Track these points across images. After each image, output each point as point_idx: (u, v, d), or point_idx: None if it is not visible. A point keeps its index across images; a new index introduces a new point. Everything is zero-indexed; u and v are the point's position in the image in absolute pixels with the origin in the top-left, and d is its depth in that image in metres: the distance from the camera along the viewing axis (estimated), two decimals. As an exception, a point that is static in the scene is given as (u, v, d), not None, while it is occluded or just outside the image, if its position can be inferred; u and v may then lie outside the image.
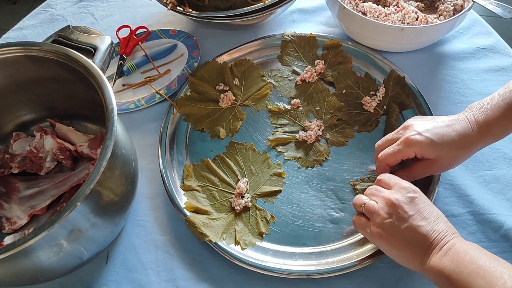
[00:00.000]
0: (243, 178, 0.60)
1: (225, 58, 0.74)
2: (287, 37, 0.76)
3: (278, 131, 0.66)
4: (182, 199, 0.59)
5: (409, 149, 0.52)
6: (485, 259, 0.41)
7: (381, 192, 0.49)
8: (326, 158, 0.62)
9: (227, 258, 0.54)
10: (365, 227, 0.50)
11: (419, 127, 0.53)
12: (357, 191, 0.58)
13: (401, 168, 0.56)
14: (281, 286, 0.53)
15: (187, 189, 0.60)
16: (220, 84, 0.71)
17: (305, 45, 0.75)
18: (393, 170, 0.56)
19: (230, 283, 0.54)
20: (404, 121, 0.64)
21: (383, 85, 0.68)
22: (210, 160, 0.62)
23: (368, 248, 0.54)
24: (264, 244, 0.56)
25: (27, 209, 0.59)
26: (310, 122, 0.66)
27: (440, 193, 0.58)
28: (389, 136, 0.56)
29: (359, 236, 0.55)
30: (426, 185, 0.57)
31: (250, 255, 0.54)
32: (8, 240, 0.55)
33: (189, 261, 0.56)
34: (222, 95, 0.69)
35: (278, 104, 0.69)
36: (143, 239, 0.58)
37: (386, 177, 0.52)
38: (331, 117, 0.66)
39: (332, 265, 0.52)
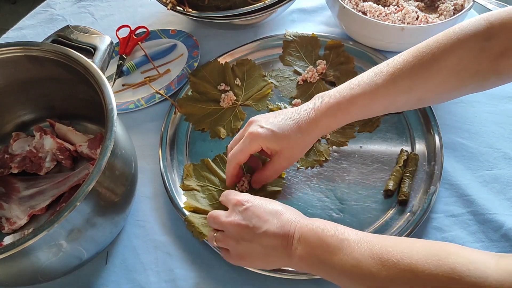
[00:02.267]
0: (247, 174, 0.60)
1: (226, 58, 0.74)
2: (289, 37, 0.75)
3: None
4: (182, 199, 0.59)
5: (254, 143, 0.53)
6: (330, 233, 0.43)
7: (219, 218, 0.49)
8: (326, 159, 0.62)
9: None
10: (229, 257, 0.50)
11: (261, 121, 0.54)
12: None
13: (254, 171, 0.58)
14: (281, 287, 0.53)
15: (186, 188, 0.60)
16: (221, 84, 0.71)
17: (307, 45, 0.75)
18: (250, 175, 0.58)
19: (230, 283, 0.54)
20: (407, 121, 0.65)
21: None
22: (210, 160, 0.62)
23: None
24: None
25: (26, 209, 0.59)
26: None
27: (440, 193, 0.58)
28: (237, 135, 0.57)
29: None
30: (427, 185, 0.57)
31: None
32: (7, 240, 0.55)
33: (189, 261, 0.56)
34: (223, 95, 0.69)
35: (279, 104, 0.69)
36: (142, 239, 0.58)
37: (223, 196, 0.52)
38: None
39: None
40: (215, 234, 0.50)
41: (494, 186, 0.59)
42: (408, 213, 0.56)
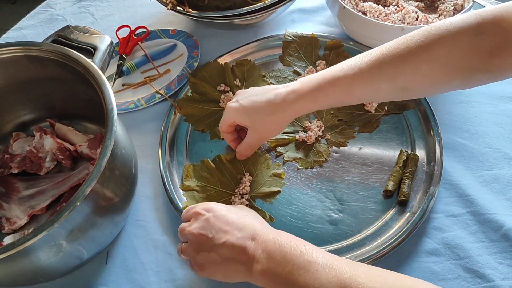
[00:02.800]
0: (247, 175, 0.60)
1: (226, 58, 0.74)
2: (289, 38, 0.75)
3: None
4: (182, 200, 0.59)
5: (229, 116, 0.55)
6: (296, 252, 0.41)
7: (183, 229, 0.49)
8: (326, 159, 0.62)
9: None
10: (192, 269, 0.49)
11: (241, 95, 0.55)
12: None
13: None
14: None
15: (186, 189, 0.60)
16: (221, 84, 0.71)
17: (306, 46, 0.75)
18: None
19: (230, 284, 0.54)
20: (406, 122, 0.65)
21: None
22: (209, 161, 0.62)
23: (367, 249, 0.53)
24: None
25: (26, 209, 0.59)
26: (311, 123, 0.65)
27: (440, 193, 0.58)
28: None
29: (357, 238, 0.55)
30: (427, 186, 0.57)
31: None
32: (8, 240, 0.55)
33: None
34: (223, 96, 0.69)
35: None
36: (142, 239, 0.58)
37: (184, 212, 0.51)
38: (331, 117, 0.66)
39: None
40: (181, 245, 0.49)
41: (494, 186, 0.59)
42: (408, 213, 0.56)
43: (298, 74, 0.72)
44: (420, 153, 0.61)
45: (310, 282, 0.39)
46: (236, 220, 0.46)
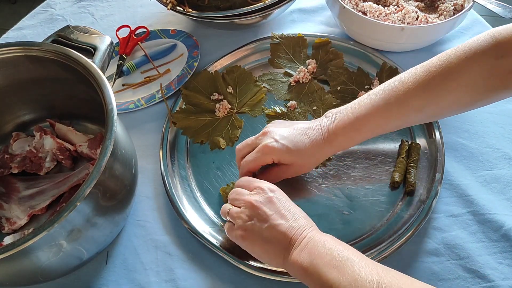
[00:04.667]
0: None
1: (216, 66, 0.73)
2: (276, 40, 0.75)
3: None
4: (182, 200, 0.59)
5: (267, 156, 0.54)
6: (338, 249, 0.43)
7: (242, 195, 0.50)
8: (329, 158, 0.62)
9: (227, 259, 0.54)
10: (232, 231, 0.50)
11: (276, 134, 0.55)
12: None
13: (260, 171, 0.57)
14: None
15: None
16: (214, 93, 0.70)
17: (294, 46, 0.74)
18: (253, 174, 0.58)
19: (230, 284, 0.54)
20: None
21: (377, 78, 0.69)
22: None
23: (371, 252, 0.53)
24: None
25: (26, 209, 0.59)
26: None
27: (440, 193, 0.58)
28: (248, 140, 0.58)
29: (370, 234, 0.55)
30: (429, 185, 0.57)
31: (251, 258, 0.54)
32: (8, 240, 0.55)
33: (189, 261, 0.56)
34: (217, 105, 0.68)
35: (275, 108, 0.68)
36: (143, 239, 0.58)
37: (245, 180, 0.53)
38: None
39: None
40: (230, 208, 0.51)
41: (494, 186, 0.59)
42: (417, 202, 0.56)
43: (290, 75, 0.72)
44: (421, 141, 0.62)
45: (344, 275, 0.40)
46: (293, 211, 0.48)
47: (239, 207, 0.50)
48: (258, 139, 0.56)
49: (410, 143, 0.61)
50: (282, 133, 0.55)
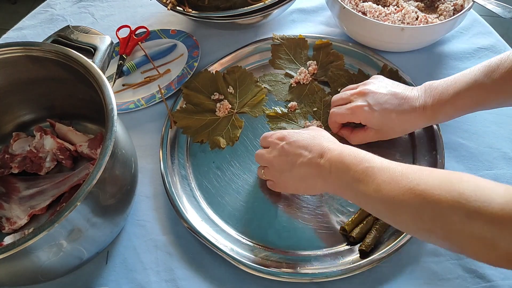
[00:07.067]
0: None
1: (217, 67, 0.73)
2: (277, 41, 0.75)
3: None
4: (182, 199, 0.59)
5: (355, 116, 0.58)
6: (353, 160, 0.47)
7: (262, 155, 0.56)
8: None
9: (227, 259, 0.54)
10: (275, 186, 0.56)
11: (372, 98, 0.57)
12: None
13: (348, 126, 0.62)
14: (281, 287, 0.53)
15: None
16: (214, 93, 0.70)
17: (295, 47, 0.74)
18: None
19: (230, 284, 0.54)
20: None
21: None
22: None
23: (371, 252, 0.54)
24: (266, 247, 0.56)
25: (27, 209, 0.59)
26: (310, 122, 0.65)
27: (440, 193, 0.58)
28: (344, 94, 0.61)
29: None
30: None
31: (251, 258, 0.54)
32: (8, 240, 0.55)
33: (189, 261, 0.56)
34: (218, 104, 0.68)
35: (275, 108, 0.68)
36: (143, 239, 0.58)
37: (261, 139, 0.58)
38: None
39: (335, 268, 0.52)
40: (263, 170, 0.57)
41: (494, 186, 0.59)
42: None
43: (290, 76, 0.72)
44: (421, 142, 0.62)
45: (368, 185, 0.44)
46: (306, 143, 0.52)
47: (267, 166, 0.56)
48: (354, 96, 0.59)
49: None
50: (378, 98, 0.56)
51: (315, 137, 0.53)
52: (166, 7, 0.71)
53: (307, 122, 0.66)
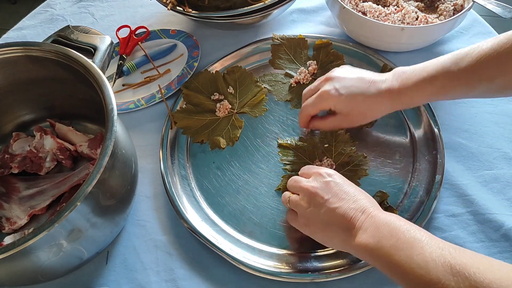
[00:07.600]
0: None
1: (217, 67, 0.73)
2: (277, 41, 0.75)
3: (287, 168, 0.61)
4: (182, 199, 0.59)
5: (325, 103, 0.57)
6: (404, 229, 0.42)
7: (300, 182, 0.51)
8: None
9: (228, 259, 0.54)
10: (294, 220, 0.52)
11: (338, 82, 0.56)
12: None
13: (318, 117, 0.60)
14: None
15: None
16: (214, 93, 0.70)
17: (295, 47, 0.74)
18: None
19: (230, 284, 0.54)
20: (406, 120, 0.65)
21: None
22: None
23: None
24: (267, 248, 0.56)
25: (27, 209, 0.59)
26: (321, 161, 0.61)
27: (440, 193, 0.58)
28: (312, 85, 0.60)
29: None
30: (429, 186, 0.57)
31: (251, 258, 0.54)
32: (8, 240, 0.55)
33: (189, 261, 0.56)
34: (218, 105, 0.68)
35: (287, 139, 0.64)
36: (143, 239, 0.58)
37: (305, 168, 0.54)
38: (342, 156, 0.61)
39: (335, 268, 0.52)
40: (290, 196, 0.52)
41: (494, 186, 0.59)
42: (417, 203, 0.57)
43: (290, 76, 0.72)
44: (420, 141, 0.62)
45: (413, 258, 0.39)
46: (352, 192, 0.48)
47: (298, 194, 0.51)
48: (321, 83, 0.58)
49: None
50: (344, 82, 0.56)
51: (361, 192, 0.49)
52: (166, 7, 0.71)
53: (316, 161, 0.61)
